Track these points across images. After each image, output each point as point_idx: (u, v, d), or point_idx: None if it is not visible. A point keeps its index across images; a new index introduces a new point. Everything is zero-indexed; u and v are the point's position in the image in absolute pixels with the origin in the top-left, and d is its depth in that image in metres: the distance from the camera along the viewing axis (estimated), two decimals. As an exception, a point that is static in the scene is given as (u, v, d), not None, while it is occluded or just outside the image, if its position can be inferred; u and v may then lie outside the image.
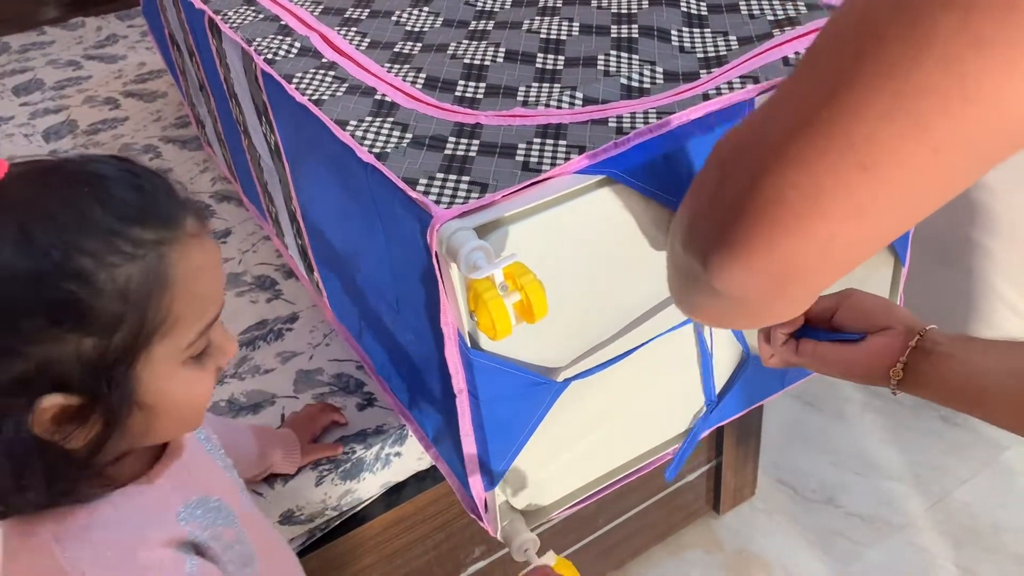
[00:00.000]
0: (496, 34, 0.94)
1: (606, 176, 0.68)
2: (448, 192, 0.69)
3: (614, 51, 0.86)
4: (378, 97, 0.83)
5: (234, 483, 0.75)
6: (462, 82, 0.85)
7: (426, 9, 1.01)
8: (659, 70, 0.83)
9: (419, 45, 0.93)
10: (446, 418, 0.81)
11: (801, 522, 1.56)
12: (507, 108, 0.80)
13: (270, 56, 0.92)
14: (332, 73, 0.88)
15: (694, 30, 0.88)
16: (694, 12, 0.91)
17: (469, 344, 0.68)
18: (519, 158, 0.72)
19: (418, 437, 0.96)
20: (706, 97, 0.76)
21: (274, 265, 1.35)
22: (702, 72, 0.81)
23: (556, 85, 0.83)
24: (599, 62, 0.85)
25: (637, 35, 0.88)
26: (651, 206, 0.71)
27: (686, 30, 0.88)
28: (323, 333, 1.19)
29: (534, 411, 0.75)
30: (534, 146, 0.74)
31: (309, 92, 0.85)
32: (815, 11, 0.86)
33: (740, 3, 0.91)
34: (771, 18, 0.86)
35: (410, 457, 1.05)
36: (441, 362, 0.72)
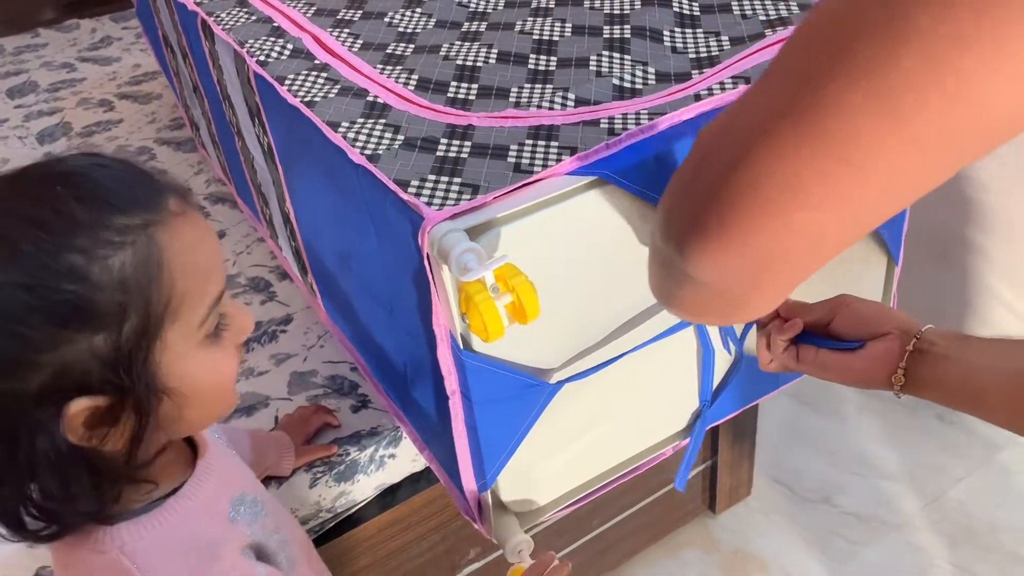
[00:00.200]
0: (489, 35, 0.93)
1: (598, 177, 0.68)
2: (440, 194, 0.69)
3: (606, 51, 0.86)
4: (370, 99, 0.83)
5: (252, 476, 0.75)
6: (454, 83, 0.85)
7: (419, 10, 1.01)
8: (651, 71, 0.83)
9: (412, 46, 0.93)
10: (439, 420, 0.81)
11: (797, 521, 1.56)
12: (499, 109, 0.80)
13: (263, 58, 0.92)
14: (324, 75, 0.88)
15: (686, 30, 0.88)
16: (686, 12, 0.91)
17: (461, 346, 0.68)
18: (511, 159, 0.72)
19: (412, 439, 0.96)
20: (698, 98, 0.76)
21: (268, 267, 1.34)
22: (694, 73, 0.81)
23: (548, 86, 0.83)
24: (591, 63, 0.85)
25: (629, 35, 0.88)
26: (643, 207, 0.71)
27: (678, 30, 0.88)
28: (317, 335, 1.19)
29: (527, 413, 0.75)
30: (526, 147, 0.74)
31: (301, 94, 0.84)
32: (807, 11, 0.86)
33: (732, 3, 0.91)
34: (763, 18, 0.86)
35: (405, 459, 1.05)
36: (434, 364, 0.72)
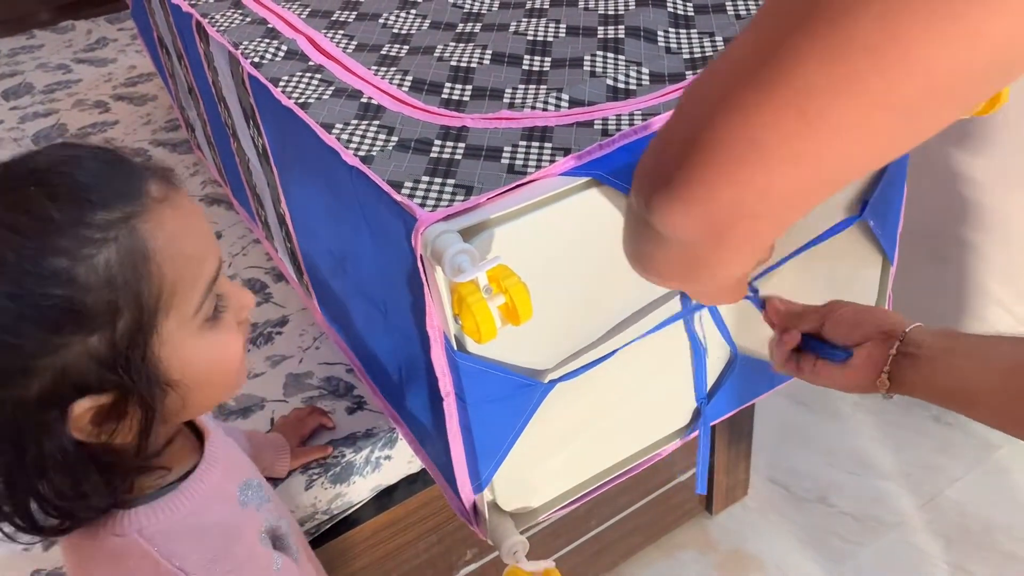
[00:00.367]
0: (483, 36, 0.93)
1: (592, 178, 0.68)
2: (433, 195, 0.69)
3: (600, 52, 0.86)
4: (364, 100, 0.83)
5: (252, 464, 0.75)
6: (449, 84, 0.85)
7: (413, 12, 1.01)
8: (645, 71, 0.83)
9: (406, 47, 0.93)
10: (434, 421, 0.80)
11: (794, 521, 1.56)
12: (494, 110, 0.80)
13: (257, 59, 0.92)
14: (319, 76, 0.88)
15: (680, 31, 0.88)
16: (680, 13, 0.91)
17: (455, 347, 0.68)
18: (504, 161, 0.72)
19: (408, 440, 0.96)
20: (682, 97, 0.75)
21: (264, 268, 1.34)
22: (688, 73, 0.81)
23: (543, 87, 0.83)
24: (585, 63, 0.85)
25: (623, 36, 0.88)
26: (637, 207, 0.71)
27: (672, 31, 0.88)
28: (313, 336, 1.19)
29: (521, 413, 0.75)
30: (519, 149, 0.73)
31: (296, 95, 0.84)
32: None
33: (727, 4, 0.91)
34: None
35: (400, 460, 1.05)
36: (428, 365, 0.72)
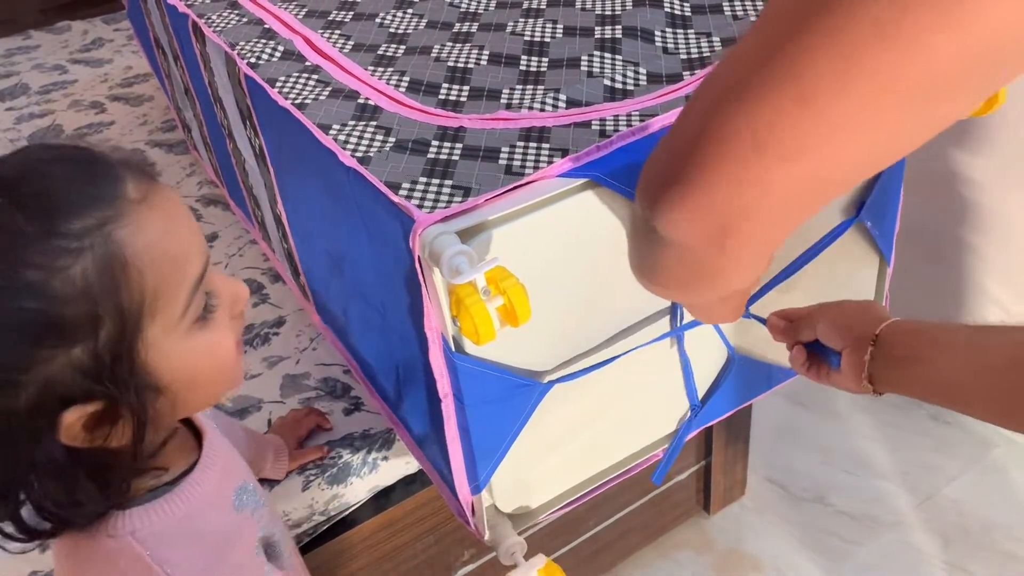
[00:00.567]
0: (480, 36, 0.93)
1: (589, 179, 0.68)
2: (431, 196, 0.68)
3: (597, 52, 0.86)
4: (361, 101, 0.83)
5: (247, 466, 0.74)
6: (446, 85, 0.85)
7: (410, 12, 1.01)
8: (642, 71, 0.82)
9: (403, 48, 0.93)
10: (432, 422, 0.80)
11: (792, 521, 1.56)
12: (491, 110, 0.80)
13: (253, 60, 0.92)
14: (315, 77, 0.88)
15: (677, 31, 0.88)
16: (678, 13, 0.91)
17: (453, 348, 0.68)
18: (502, 161, 0.72)
19: (405, 441, 0.96)
20: (689, 99, 0.75)
21: (261, 269, 1.34)
22: (685, 74, 0.81)
23: (540, 87, 0.82)
24: (583, 63, 0.85)
25: (621, 36, 0.88)
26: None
27: (669, 31, 0.88)
28: (310, 337, 1.19)
29: (519, 414, 0.74)
30: (517, 149, 0.73)
31: (292, 96, 0.84)
32: None
33: (724, 4, 0.91)
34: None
35: (398, 461, 1.05)
36: (426, 366, 0.72)
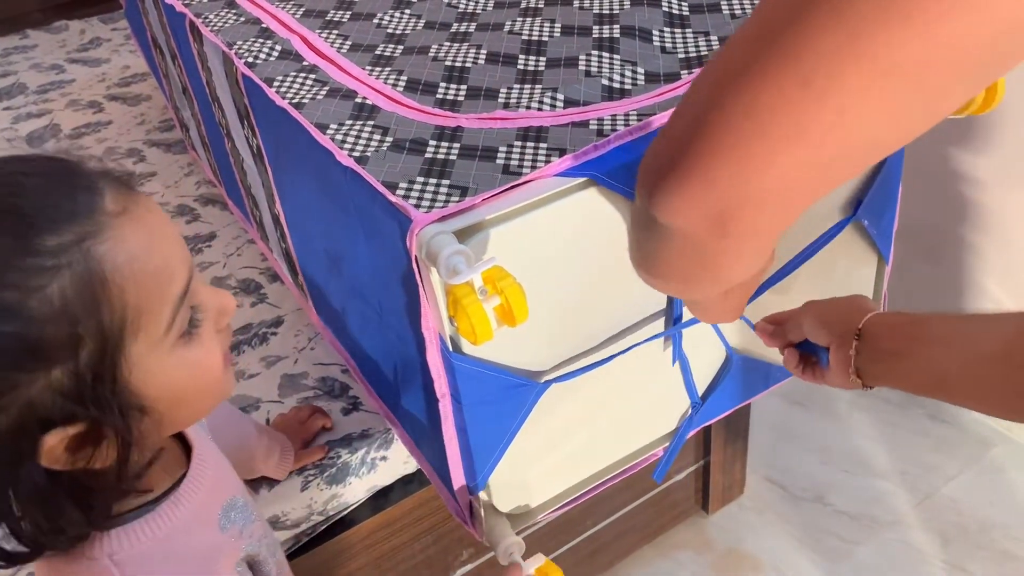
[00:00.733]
0: (478, 36, 0.93)
1: (587, 178, 0.68)
2: (428, 196, 0.68)
3: (595, 51, 0.86)
4: (359, 100, 0.83)
5: (238, 478, 0.72)
6: (443, 84, 0.85)
7: (408, 11, 1.00)
8: (640, 71, 0.82)
9: (401, 47, 0.93)
10: (430, 422, 0.80)
11: (790, 521, 1.56)
12: (488, 110, 0.79)
13: (251, 59, 0.92)
14: (313, 76, 0.88)
15: (675, 30, 0.88)
16: (676, 12, 0.91)
17: (451, 348, 0.68)
18: (500, 161, 0.72)
19: (403, 441, 0.95)
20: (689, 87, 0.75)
21: (259, 268, 1.34)
22: (683, 73, 0.81)
23: (537, 86, 0.82)
24: (580, 63, 0.85)
25: (618, 35, 0.88)
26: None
27: (667, 30, 0.88)
28: (308, 337, 1.18)
29: (517, 414, 0.74)
30: (515, 149, 0.73)
31: (290, 95, 0.84)
32: None
33: (722, 3, 0.91)
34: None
35: (396, 461, 1.05)
36: (423, 366, 0.72)
